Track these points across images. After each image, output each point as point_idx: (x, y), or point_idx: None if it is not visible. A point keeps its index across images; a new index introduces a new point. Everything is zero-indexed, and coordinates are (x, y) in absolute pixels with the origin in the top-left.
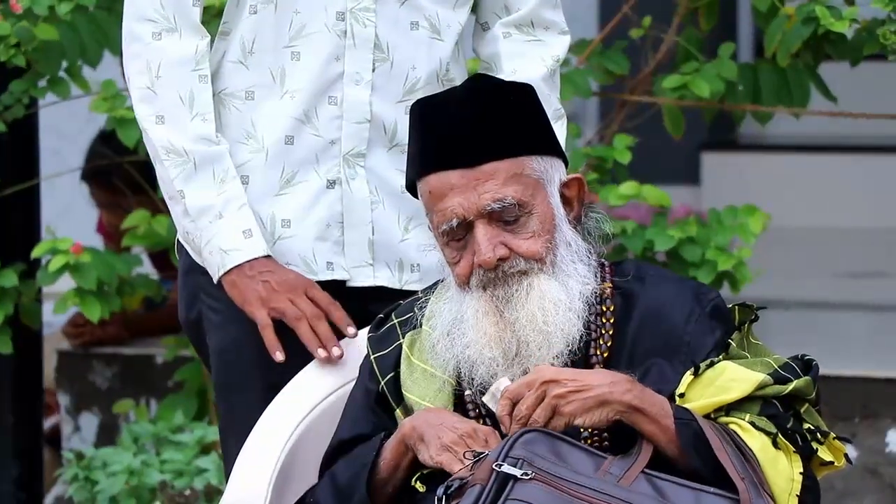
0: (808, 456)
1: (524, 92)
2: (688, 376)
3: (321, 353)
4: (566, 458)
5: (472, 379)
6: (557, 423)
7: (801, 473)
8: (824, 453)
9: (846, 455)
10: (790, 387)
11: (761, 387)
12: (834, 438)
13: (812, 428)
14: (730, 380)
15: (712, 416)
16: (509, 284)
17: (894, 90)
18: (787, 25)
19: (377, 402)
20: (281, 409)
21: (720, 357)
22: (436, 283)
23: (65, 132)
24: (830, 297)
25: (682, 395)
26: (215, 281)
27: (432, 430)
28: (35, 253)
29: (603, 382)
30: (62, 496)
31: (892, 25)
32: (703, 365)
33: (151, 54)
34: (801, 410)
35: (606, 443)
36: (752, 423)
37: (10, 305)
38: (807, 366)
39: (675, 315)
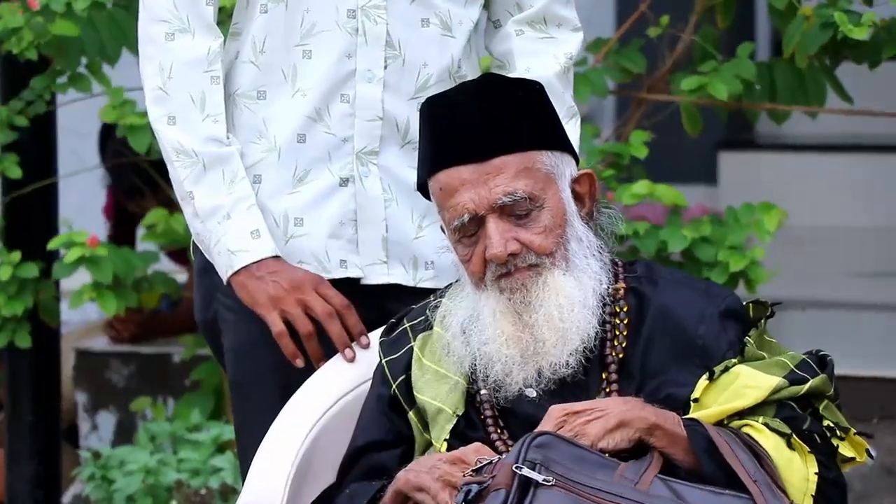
0: (831, 453)
1: (533, 88)
2: (703, 381)
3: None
4: (581, 463)
5: (487, 377)
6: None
7: (816, 473)
8: (845, 449)
9: (868, 450)
10: (806, 387)
11: (776, 391)
12: (854, 434)
13: (832, 425)
14: (743, 386)
15: (725, 421)
16: (527, 287)
17: None
18: (806, 27)
19: (390, 406)
20: (297, 409)
21: (735, 360)
22: (448, 287)
23: (82, 131)
24: (847, 297)
25: (696, 401)
26: (224, 282)
27: (426, 476)
28: (52, 245)
29: (618, 405)
30: (79, 495)
31: None
32: (717, 369)
33: (164, 55)
34: (821, 407)
35: (625, 454)
36: (766, 425)
37: (30, 298)
38: (822, 361)
39: (686, 319)
